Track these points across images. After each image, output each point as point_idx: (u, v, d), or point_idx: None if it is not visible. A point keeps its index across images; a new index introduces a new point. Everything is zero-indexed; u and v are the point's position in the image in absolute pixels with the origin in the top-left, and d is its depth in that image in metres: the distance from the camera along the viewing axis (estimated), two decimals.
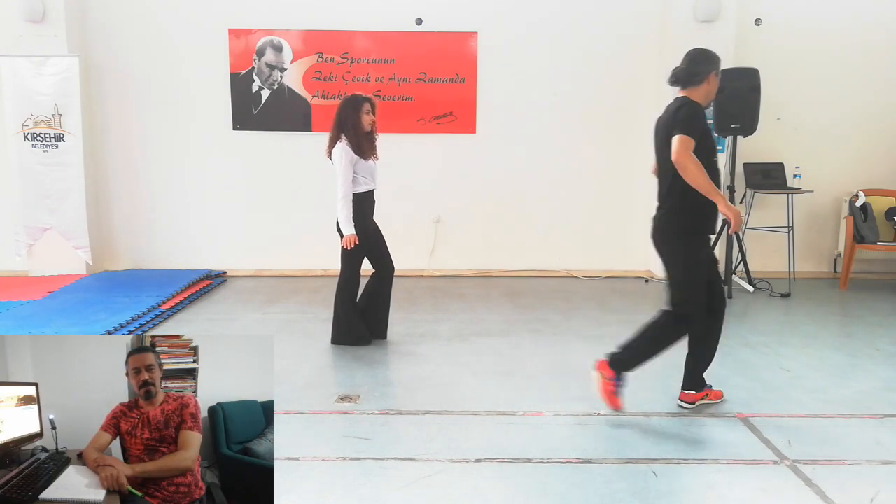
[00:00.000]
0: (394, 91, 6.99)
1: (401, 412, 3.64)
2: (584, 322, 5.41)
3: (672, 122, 3.44)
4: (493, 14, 6.92)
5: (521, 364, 4.42)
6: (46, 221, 6.69)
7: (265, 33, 6.90)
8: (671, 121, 3.46)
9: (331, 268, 5.91)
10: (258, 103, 6.98)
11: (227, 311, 5.69)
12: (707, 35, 6.62)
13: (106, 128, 6.96)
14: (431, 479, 2.93)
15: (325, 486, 2.87)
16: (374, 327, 4.83)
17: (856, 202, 6.61)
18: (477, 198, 7.15)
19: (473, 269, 7.20)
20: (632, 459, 3.11)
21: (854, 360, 4.54)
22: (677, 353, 4.65)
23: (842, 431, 3.46)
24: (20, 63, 6.46)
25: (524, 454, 3.15)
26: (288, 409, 3.62)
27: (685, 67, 3.55)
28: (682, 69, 3.55)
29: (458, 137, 7.06)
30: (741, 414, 3.63)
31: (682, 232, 3.63)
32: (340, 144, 4.49)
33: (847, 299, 6.23)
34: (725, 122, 6.24)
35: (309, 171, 6.68)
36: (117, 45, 6.84)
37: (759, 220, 6.88)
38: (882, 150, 7.08)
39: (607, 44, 6.99)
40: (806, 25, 6.88)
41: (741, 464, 3.09)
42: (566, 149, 7.11)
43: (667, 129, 3.49)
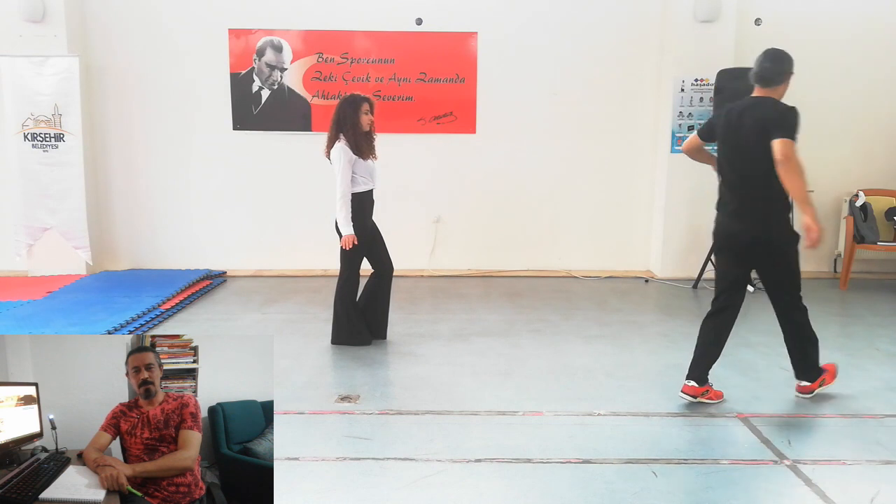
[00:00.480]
0: (394, 91, 6.99)
1: (401, 412, 3.64)
2: (584, 322, 5.41)
3: (771, 124, 3.41)
4: (492, 14, 6.92)
5: (521, 364, 4.42)
6: (46, 221, 6.69)
7: (265, 33, 6.90)
8: (768, 121, 3.43)
9: (331, 268, 5.90)
10: (258, 103, 6.98)
11: (227, 311, 5.69)
12: (707, 35, 6.64)
13: (106, 128, 6.96)
14: (431, 479, 2.93)
15: (325, 486, 2.87)
16: (374, 327, 4.83)
17: (856, 202, 6.61)
18: (477, 198, 7.15)
19: (473, 269, 7.20)
20: (632, 459, 3.11)
21: (854, 360, 4.54)
22: (679, 353, 4.65)
23: (842, 431, 3.46)
24: (20, 63, 6.46)
25: (524, 454, 3.15)
26: (288, 409, 3.62)
27: (771, 66, 3.54)
28: (769, 68, 3.55)
29: (458, 137, 7.06)
30: (741, 414, 3.63)
31: (789, 229, 3.66)
32: (339, 144, 4.48)
33: (847, 299, 6.23)
34: None
35: (309, 172, 6.68)
36: (117, 45, 6.84)
37: None
38: (882, 150, 7.08)
39: (607, 43, 6.99)
40: (806, 25, 6.88)
41: (741, 464, 3.09)
42: (566, 148, 7.11)
43: (758, 127, 3.46)
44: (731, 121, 3.60)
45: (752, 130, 3.49)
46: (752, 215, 3.60)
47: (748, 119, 3.53)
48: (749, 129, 3.51)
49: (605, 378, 4.18)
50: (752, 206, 3.60)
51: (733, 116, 3.60)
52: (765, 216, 3.59)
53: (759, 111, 3.50)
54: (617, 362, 4.46)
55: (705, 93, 6.70)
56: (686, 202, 6.78)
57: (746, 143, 3.54)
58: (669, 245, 6.93)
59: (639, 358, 4.59)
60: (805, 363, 3.84)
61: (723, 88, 6.25)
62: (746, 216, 3.62)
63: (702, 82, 6.71)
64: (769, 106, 3.49)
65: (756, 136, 3.47)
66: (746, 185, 3.60)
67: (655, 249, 7.09)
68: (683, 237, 6.88)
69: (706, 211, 5.75)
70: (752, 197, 3.59)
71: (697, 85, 6.72)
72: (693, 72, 6.70)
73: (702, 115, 6.74)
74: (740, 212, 3.64)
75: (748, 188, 3.60)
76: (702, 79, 6.70)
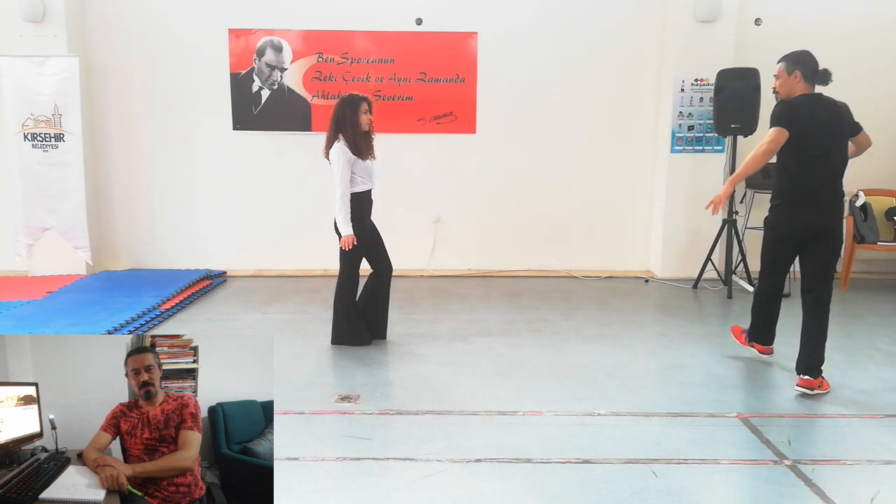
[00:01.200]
0: (394, 91, 6.99)
1: (401, 412, 3.64)
2: (584, 322, 5.41)
3: (849, 119, 3.98)
4: (492, 14, 6.92)
5: (521, 364, 4.42)
6: (46, 221, 6.69)
7: (265, 33, 6.90)
8: (848, 117, 3.98)
9: (331, 268, 5.90)
10: (258, 103, 6.98)
11: (227, 311, 5.69)
12: (707, 35, 6.64)
13: (106, 128, 6.96)
14: (431, 479, 2.93)
15: (325, 486, 2.87)
16: (373, 327, 4.83)
17: (856, 202, 6.61)
18: (477, 198, 7.16)
19: (473, 269, 7.20)
20: (632, 459, 3.11)
21: (854, 360, 4.54)
22: (679, 353, 4.65)
23: (842, 431, 3.46)
24: (20, 63, 6.46)
25: (524, 454, 3.15)
26: (288, 409, 3.62)
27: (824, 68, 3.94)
28: (825, 69, 3.93)
29: (458, 137, 7.06)
30: (741, 414, 3.63)
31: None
32: (338, 144, 4.48)
33: (847, 299, 6.23)
34: (725, 122, 6.24)
35: (309, 171, 6.68)
36: (117, 45, 6.84)
37: (760, 220, 6.83)
38: (882, 150, 7.04)
39: (607, 43, 7.00)
40: (806, 25, 6.87)
41: (741, 464, 3.09)
42: (566, 149, 7.11)
43: (843, 122, 3.93)
44: (820, 112, 3.89)
45: (839, 122, 3.90)
46: (835, 209, 3.94)
47: (831, 112, 3.90)
48: (833, 121, 3.88)
49: (605, 378, 4.18)
50: (836, 200, 3.94)
51: (820, 108, 3.89)
52: (840, 210, 3.98)
53: (838, 107, 3.90)
54: (617, 362, 4.46)
55: (705, 93, 6.70)
56: (686, 202, 6.78)
57: (835, 140, 3.89)
58: (669, 245, 6.93)
59: (639, 358, 4.59)
60: (813, 358, 3.92)
61: (723, 88, 6.26)
62: (830, 210, 3.92)
63: (702, 82, 6.71)
64: (840, 103, 3.93)
65: (838, 133, 3.90)
66: (836, 180, 3.93)
67: (655, 249, 7.09)
68: (683, 237, 6.88)
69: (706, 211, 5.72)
70: (836, 192, 3.94)
71: (697, 85, 6.72)
72: (693, 72, 6.70)
73: (702, 115, 6.75)
74: (825, 205, 3.90)
75: (836, 183, 3.93)
76: (702, 79, 6.70)
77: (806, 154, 3.84)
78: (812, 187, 3.87)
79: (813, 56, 3.92)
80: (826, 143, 3.84)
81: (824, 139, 3.83)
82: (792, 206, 3.93)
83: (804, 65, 3.89)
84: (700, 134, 6.80)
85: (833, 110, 3.88)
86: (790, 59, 3.94)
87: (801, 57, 3.92)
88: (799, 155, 3.85)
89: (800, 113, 3.84)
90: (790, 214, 3.95)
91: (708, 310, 5.88)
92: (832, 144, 3.86)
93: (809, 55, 3.92)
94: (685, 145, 6.81)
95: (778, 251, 4.12)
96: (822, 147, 3.83)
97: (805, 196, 3.89)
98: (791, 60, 3.93)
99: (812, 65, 3.90)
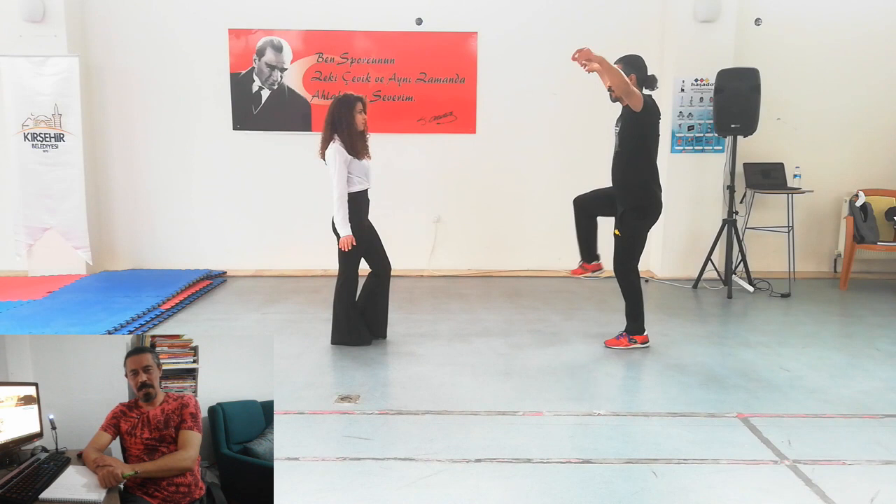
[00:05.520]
0: (394, 91, 6.99)
1: (401, 412, 3.64)
2: (584, 322, 5.41)
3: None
4: (493, 14, 6.92)
5: (521, 364, 4.42)
6: (46, 221, 6.69)
7: (265, 33, 6.90)
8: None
9: (331, 268, 5.89)
10: (258, 103, 6.98)
11: (227, 311, 5.69)
12: (707, 35, 6.64)
13: (106, 128, 6.96)
14: (431, 479, 2.93)
15: (325, 486, 2.87)
16: (373, 327, 4.83)
17: (856, 202, 6.61)
18: (477, 198, 7.15)
19: (473, 269, 7.20)
20: (632, 459, 3.11)
21: (854, 360, 4.54)
22: (679, 353, 4.65)
23: (842, 431, 3.45)
24: (20, 63, 6.46)
25: (524, 454, 3.15)
26: (288, 409, 3.62)
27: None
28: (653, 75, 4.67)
29: (458, 137, 7.06)
30: (741, 414, 3.63)
31: None
32: (334, 145, 4.47)
33: (847, 299, 6.23)
34: (725, 122, 6.24)
35: (309, 172, 6.65)
36: (117, 45, 6.84)
37: (759, 220, 6.88)
38: (882, 150, 7.08)
39: (607, 44, 6.92)
40: (806, 25, 6.88)
41: (741, 464, 3.09)
42: (566, 148, 7.11)
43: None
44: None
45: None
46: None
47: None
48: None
49: (605, 378, 4.18)
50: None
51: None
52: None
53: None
54: (617, 362, 4.46)
55: (705, 93, 6.71)
56: (686, 202, 6.78)
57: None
58: (669, 245, 6.93)
59: (638, 358, 4.59)
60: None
61: (723, 88, 6.26)
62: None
63: (702, 82, 6.71)
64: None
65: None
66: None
67: (655, 249, 7.08)
68: (683, 237, 6.88)
69: (706, 211, 5.73)
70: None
71: (697, 85, 6.73)
72: (693, 72, 6.70)
73: (702, 115, 6.75)
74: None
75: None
76: (702, 79, 6.70)
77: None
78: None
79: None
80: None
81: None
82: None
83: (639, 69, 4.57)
84: (700, 134, 6.80)
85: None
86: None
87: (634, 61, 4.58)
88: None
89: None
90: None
91: (708, 310, 5.88)
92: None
93: (641, 59, 4.63)
94: (685, 145, 6.81)
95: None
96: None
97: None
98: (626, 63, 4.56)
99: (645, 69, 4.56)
